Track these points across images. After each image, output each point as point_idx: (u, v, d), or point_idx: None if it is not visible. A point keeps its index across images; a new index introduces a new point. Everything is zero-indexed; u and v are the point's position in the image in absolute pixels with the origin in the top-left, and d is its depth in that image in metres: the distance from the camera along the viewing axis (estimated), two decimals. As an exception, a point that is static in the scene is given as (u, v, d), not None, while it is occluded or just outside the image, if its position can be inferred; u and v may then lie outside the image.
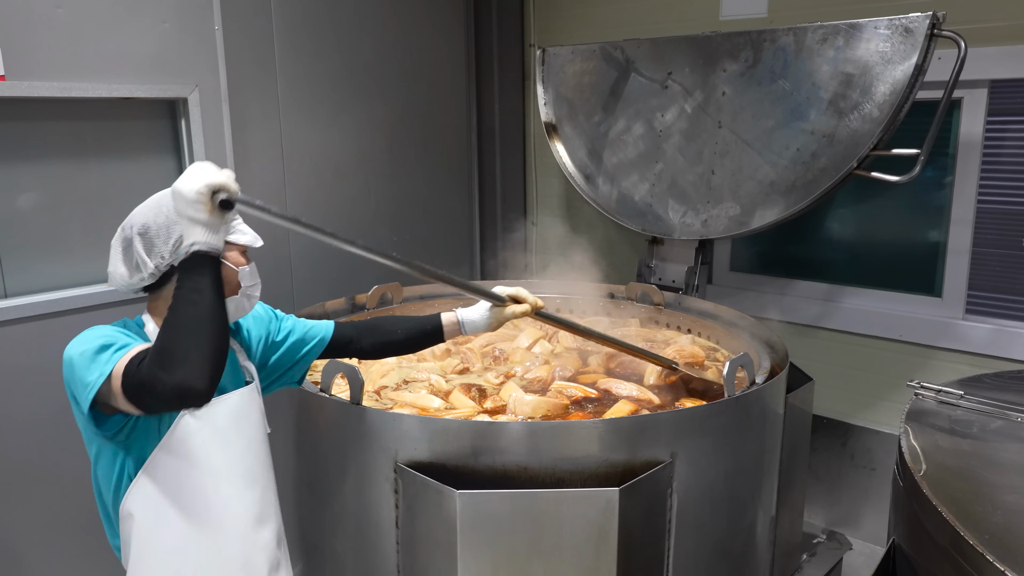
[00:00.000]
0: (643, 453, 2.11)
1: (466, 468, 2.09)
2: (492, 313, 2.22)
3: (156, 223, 1.68)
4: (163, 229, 1.67)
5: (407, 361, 2.86)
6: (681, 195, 3.39)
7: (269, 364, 2.01)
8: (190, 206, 1.51)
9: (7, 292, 2.88)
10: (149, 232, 1.68)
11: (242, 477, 1.78)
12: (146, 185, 3.14)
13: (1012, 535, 1.60)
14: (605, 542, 2.01)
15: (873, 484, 3.51)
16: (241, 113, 3.39)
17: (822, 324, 3.60)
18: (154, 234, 1.67)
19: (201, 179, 1.52)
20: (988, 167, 3.13)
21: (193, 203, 1.51)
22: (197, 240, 1.53)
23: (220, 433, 1.73)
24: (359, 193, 3.93)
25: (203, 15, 3.21)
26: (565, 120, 3.74)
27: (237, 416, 1.78)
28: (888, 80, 2.74)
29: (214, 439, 1.72)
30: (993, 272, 3.19)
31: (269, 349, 2.01)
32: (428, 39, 4.14)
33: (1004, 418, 2.15)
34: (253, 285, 1.84)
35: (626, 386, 2.64)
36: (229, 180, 1.56)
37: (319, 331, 2.09)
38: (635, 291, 3.41)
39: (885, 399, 3.47)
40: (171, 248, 1.66)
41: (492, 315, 2.22)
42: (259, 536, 1.81)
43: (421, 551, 2.14)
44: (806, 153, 2.98)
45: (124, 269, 1.71)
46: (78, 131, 3.02)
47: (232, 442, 1.76)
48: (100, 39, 2.94)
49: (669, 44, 3.33)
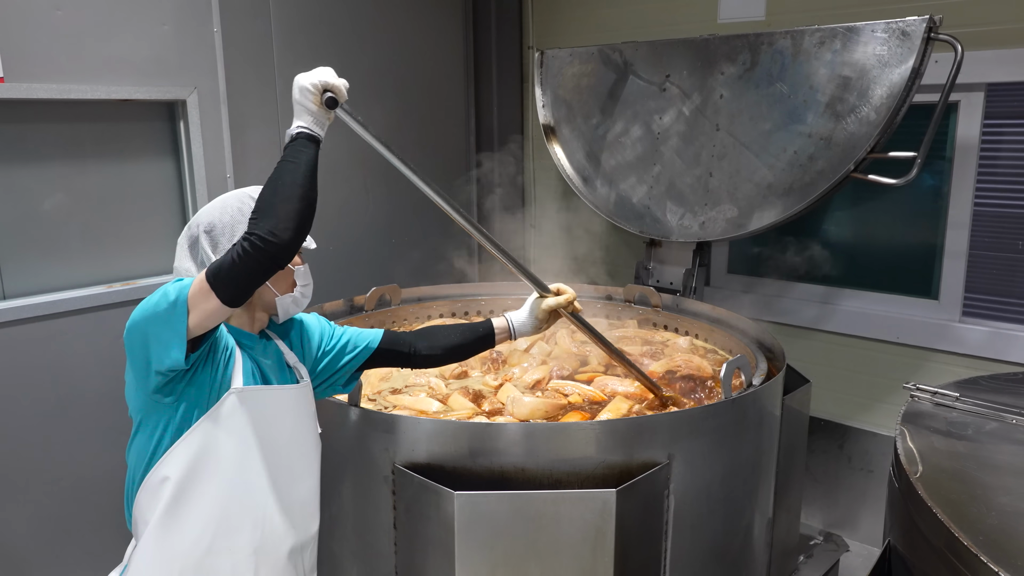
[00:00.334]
0: (640, 454, 2.12)
1: (464, 469, 2.10)
2: (535, 309, 2.24)
3: (221, 222, 1.78)
4: (227, 228, 1.77)
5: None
6: (679, 197, 3.40)
7: (319, 369, 2.04)
8: (304, 94, 1.73)
9: (6, 294, 2.88)
10: (215, 230, 1.77)
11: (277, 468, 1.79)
12: (145, 187, 3.18)
13: (1006, 536, 1.61)
14: (602, 543, 2.01)
15: (870, 486, 3.52)
16: (240, 115, 3.40)
17: (819, 326, 3.61)
18: (219, 232, 1.77)
19: (318, 76, 1.74)
20: (985, 170, 3.14)
21: (307, 92, 1.73)
22: (304, 123, 1.73)
23: (263, 419, 1.76)
24: (358, 195, 3.94)
25: (202, 17, 3.21)
26: (563, 122, 3.75)
27: (281, 409, 1.81)
28: (885, 83, 2.75)
29: (257, 422, 1.75)
30: (990, 275, 3.20)
31: (322, 356, 2.05)
32: (427, 41, 4.15)
33: (999, 420, 2.15)
34: (306, 285, 1.92)
35: (622, 382, 2.64)
36: (340, 84, 1.78)
37: (366, 338, 2.11)
38: (633, 293, 3.42)
39: (882, 401, 3.47)
40: None
41: (536, 310, 2.24)
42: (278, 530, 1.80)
43: (419, 552, 2.14)
44: (803, 156, 2.99)
45: (190, 264, 1.80)
46: (77, 133, 3.02)
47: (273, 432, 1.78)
48: (99, 41, 2.95)
49: (667, 47, 3.34)
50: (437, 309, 3.44)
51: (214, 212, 1.80)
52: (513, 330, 2.23)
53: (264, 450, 1.76)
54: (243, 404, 1.73)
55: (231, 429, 1.72)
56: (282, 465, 1.80)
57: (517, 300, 3.54)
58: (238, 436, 1.72)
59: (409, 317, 3.37)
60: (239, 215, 1.78)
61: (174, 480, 1.67)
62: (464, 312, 3.50)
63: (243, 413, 1.73)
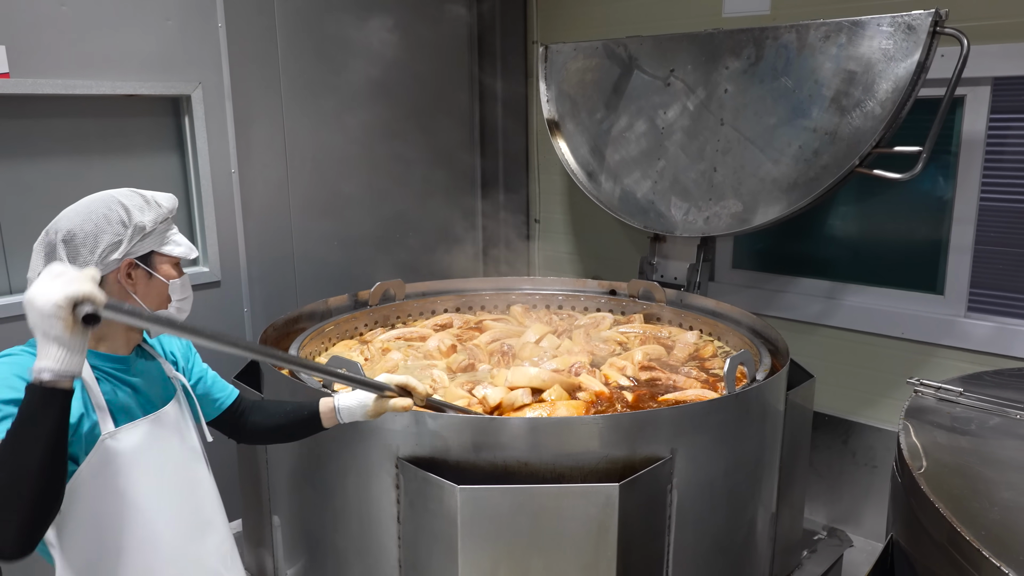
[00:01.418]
0: (643, 449, 2.12)
1: (467, 463, 2.11)
2: (374, 404, 1.90)
3: (83, 231, 1.57)
4: (90, 238, 1.57)
5: (413, 359, 2.87)
6: (683, 192, 3.39)
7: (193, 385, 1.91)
8: (45, 320, 1.20)
9: (12, 288, 2.90)
10: (75, 240, 1.57)
11: (171, 493, 1.67)
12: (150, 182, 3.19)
13: (1008, 531, 1.61)
14: (605, 537, 2.02)
15: (875, 481, 3.52)
16: (244, 110, 3.41)
17: (824, 321, 3.60)
18: (80, 242, 1.57)
19: (60, 289, 1.19)
20: (991, 165, 3.12)
21: (49, 317, 1.20)
22: (48, 367, 1.23)
23: (145, 452, 1.62)
24: (362, 190, 3.95)
25: (206, 13, 3.22)
26: (568, 117, 3.75)
27: (163, 434, 1.68)
28: (890, 77, 2.74)
29: (138, 459, 1.60)
30: (995, 270, 3.19)
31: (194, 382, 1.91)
32: (431, 36, 4.14)
33: (1003, 415, 2.15)
34: (184, 299, 1.74)
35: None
36: (94, 289, 1.22)
37: (224, 393, 1.98)
38: (637, 288, 3.42)
39: (887, 397, 3.47)
40: (97, 258, 1.57)
41: (368, 404, 1.90)
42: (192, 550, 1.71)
43: (422, 546, 2.15)
44: (808, 150, 2.98)
45: None
46: (82, 128, 3.04)
47: (158, 460, 1.65)
48: (104, 37, 2.96)
49: (672, 41, 3.33)
50: (441, 304, 3.45)
51: (75, 218, 1.58)
52: (339, 414, 1.93)
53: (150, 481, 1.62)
54: (118, 443, 1.56)
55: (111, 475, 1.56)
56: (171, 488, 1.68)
57: (521, 296, 3.55)
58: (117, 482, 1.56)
59: (413, 312, 3.38)
60: (104, 223, 1.56)
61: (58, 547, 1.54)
62: (468, 307, 3.50)
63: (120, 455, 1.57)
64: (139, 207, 1.64)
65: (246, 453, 2.69)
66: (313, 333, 2.93)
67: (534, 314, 3.40)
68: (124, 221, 1.60)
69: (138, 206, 1.64)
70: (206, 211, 3.34)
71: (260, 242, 3.57)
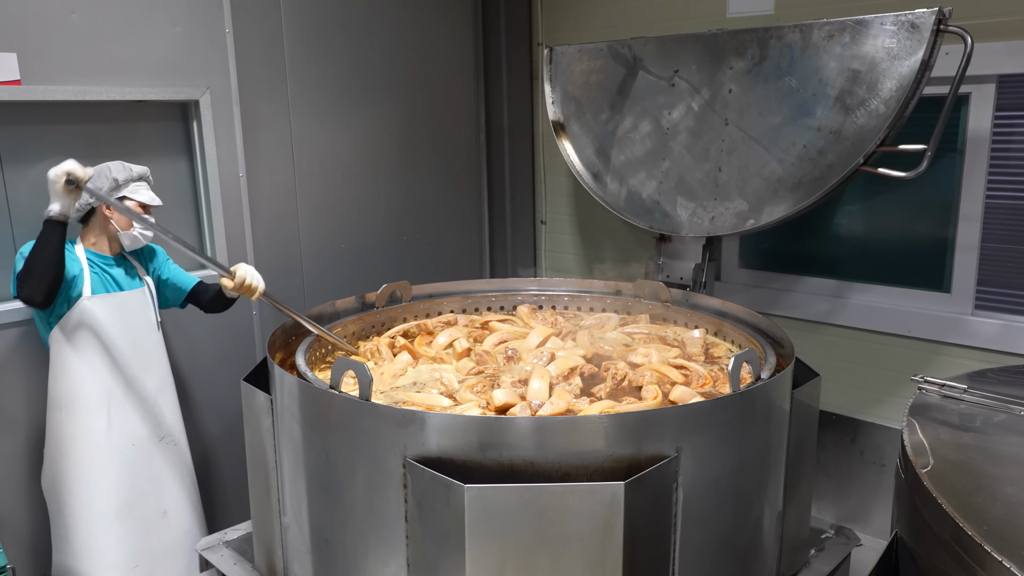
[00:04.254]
0: (648, 448, 2.13)
1: (474, 463, 2.12)
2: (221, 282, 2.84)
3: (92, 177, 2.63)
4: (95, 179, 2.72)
5: (423, 362, 2.89)
6: (689, 192, 3.40)
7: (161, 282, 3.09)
8: (51, 184, 2.48)
9: (25, 292, 2.93)
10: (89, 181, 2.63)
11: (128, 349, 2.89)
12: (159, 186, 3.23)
13: (1011, 526, 1.61)
14: (611, 535, 2.03)
15: (882, 480, 3.51)
16: (252, 115, 3.44)
17: (830, 320, 3.60)
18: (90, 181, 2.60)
19: (58, 167, 2.46)
20: (996, 162, 3.12)
21: (52, 182, 2.47)
22: (52, 209, 2.54)
23: (111, 314, 2.84)
24: (369, 193, 3.98)
25: (214, 18, 3.25)
26: (573, 118, 3.76)
27: (128, 307, 2.91)
28: (895, 76, 2.75)
29: (106, 318, 2.82)
30: (1002, 267, 3.19)
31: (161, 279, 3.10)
32: (436, 39, 4.17)
33: (1007, 412, 2.15)
34: (144, 228, 2.85)
35: None
36: (77, 168, 2.46)
37: (185, 282, 3.13)
38: (643, 288, 3.43)
39: (894, 395, 3.47)
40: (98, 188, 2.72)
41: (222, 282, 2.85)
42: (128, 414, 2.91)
43: (430, 544, 2.17)
44: (813, 150, 2.99)
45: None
46: (93, 133, 3.08)
47: (121, 326, 2.87)
48: (113, 43, 3.00)
49: (676, 42, 3.34)
50: (448, 305, 3.47)
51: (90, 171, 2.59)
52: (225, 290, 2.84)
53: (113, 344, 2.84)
54: (92, 303, 2.79)
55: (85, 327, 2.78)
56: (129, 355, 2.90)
57: (527, 296, 3.56)
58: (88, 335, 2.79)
59: (419, 314, 3.39)
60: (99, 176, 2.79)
61: None
62: (475, 308, 3.52)
63: (92, 310, 2.78)
64: (118, 170, 2.83)
65: (256, 455, 2.72)
66: (321, 335, 2.94)
67: (540, 315, 3.42)
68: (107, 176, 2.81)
69: (118, 170, 2.83)
70: (215, 215, 3.37)
71: (268, 245, 3.59)
